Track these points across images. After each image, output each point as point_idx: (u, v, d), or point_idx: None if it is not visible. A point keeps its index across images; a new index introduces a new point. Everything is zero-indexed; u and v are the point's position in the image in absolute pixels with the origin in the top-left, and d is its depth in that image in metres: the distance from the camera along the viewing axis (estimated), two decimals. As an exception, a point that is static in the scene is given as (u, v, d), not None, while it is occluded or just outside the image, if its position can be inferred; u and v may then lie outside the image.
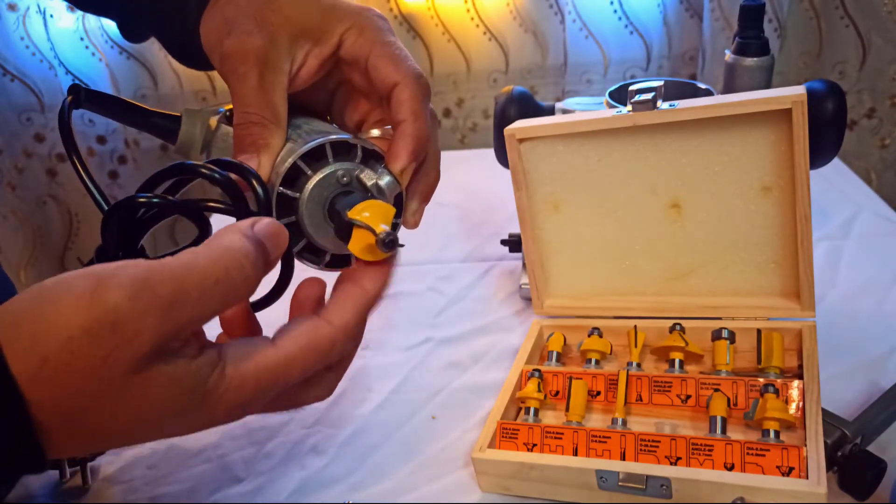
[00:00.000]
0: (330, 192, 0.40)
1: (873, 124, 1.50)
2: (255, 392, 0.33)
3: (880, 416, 0.50)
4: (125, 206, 0.36)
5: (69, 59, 1.53)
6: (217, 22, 0.43)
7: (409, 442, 0.57)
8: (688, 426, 0.53)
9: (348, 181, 0.40)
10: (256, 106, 0.41)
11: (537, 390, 0.55)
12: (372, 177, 0.40)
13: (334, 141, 0.40)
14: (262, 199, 0.37)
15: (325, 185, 0.40)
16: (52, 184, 1.66)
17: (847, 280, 0.69)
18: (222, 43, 0.42)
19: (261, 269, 0.33)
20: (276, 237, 0.34)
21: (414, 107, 0.42)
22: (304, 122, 0.44)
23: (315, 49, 0.43)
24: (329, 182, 0.40)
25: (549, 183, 0.60)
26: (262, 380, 0.33)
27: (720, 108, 0.52)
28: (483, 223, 0.88)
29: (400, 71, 0.42)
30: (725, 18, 1.39)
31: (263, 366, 0.33)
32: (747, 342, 0.56)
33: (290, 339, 0.35)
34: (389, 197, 0.40)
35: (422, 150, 0.43)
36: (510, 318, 0.71)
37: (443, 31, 1.48)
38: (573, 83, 1.49)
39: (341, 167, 0.40)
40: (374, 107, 0.46)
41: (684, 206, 0.58)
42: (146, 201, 0.36)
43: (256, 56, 0.41)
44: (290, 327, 0.35)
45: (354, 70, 0.45)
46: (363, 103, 0.47)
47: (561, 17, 1.45)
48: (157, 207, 0.37)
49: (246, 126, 0.41)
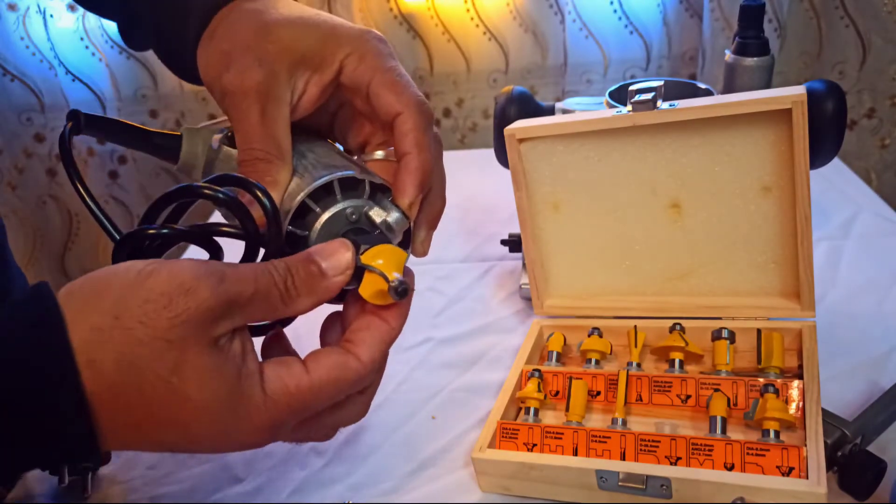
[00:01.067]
0: (339, 229, 0.40)
1: (873, 124, 1.50)
2: (286, 411, 0.35)
3: (880, 416, 0.50)
4: (135, 238, 0.37)
5: (69, 59, 1.53)
6: (215, 55, 0.43)
7: (409, 442, 0.57)
8: (688, 426, 0.53)
9: (357, 218, 0.40)
10: (260, 142, 0.41)
11: (537, 390, 0.55)
12: (381, 214, 0.40)
13: (342, 178, 0.40)
14: (270, 211, 0.37)
15: (334, 223, 0.40)
16: (52, 184, 1.66)
17: (847, 280, 0.69)
18: (221, 77, 0.41)
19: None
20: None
21: (418, 138, 0.42)
22: (307, 149, 0.44)
23: (315, 76, 0.42)
24: (338, 220, 0.40)
25: (549, 183, 0.60)
26: (294, 401, 0.35)
27: (720, 108, 0.52)
28: (483, 223, 0.88)
29: (402, 100, 0.42)
30: (725, 18, 1.39)
31: (295, 388, 0.35)
32: (747, 342, 0.56)
33: (323, 367, 0.36)
34: (398, 232, 0.41)
35: (427, 182, 0.43)
36: (510, 318, 0.71)
37: (443, 31, 1.48)
38: (573, 83, 1.49)
39: (350, 204, 0.40)
40: (377, 129, 0.46)
41: (684, 206, 0.58)
42: (155, 233, 0.37)
43: (257, 91, 0.40)
44: (321, 356, 0.37)
45: (356, 95, 0.44)
46: (366, 126, 0.46)
47: (561, 17, 1.45)
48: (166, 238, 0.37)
49: (252, 163, 0.41)
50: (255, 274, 0.35)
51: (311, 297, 0.36)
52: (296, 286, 0.36)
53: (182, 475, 0.56)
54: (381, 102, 0.42)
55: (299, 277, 0.36)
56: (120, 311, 0.31)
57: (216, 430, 0.34)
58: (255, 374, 0.35)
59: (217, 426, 0.34)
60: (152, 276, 0.32)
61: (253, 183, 0.37)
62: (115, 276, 0.33)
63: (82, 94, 1.55)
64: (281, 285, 0.35)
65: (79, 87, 1.55)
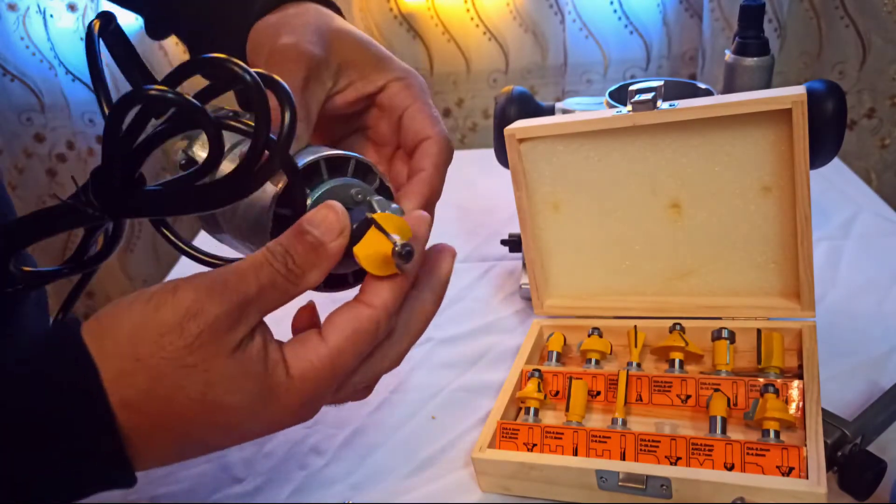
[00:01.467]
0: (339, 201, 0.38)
1: (873, 124, 1.50)
2: (316, 387, 0.36)
3: (880, 416, 0.50)
4: (134, 98, 0.33)
5: (69, 59, 1.53)
6: (278, 22, 0.45)
7: (409, 442, 0.57)
8: (688, 426, 0.53)
9: (360, 200, 0.40)
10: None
11: (537, 390, 0.55)
12: (384, 205, 0.39)
13: (359, 160, 0.40)
14: (289, 119, 0.34)
15: (338, 192, 0.39)
16: (52, 184, 1.66)
17: (847, 280, 0.69)
18: (280, 38, 0.42)
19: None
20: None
21: (437, 161, 0.45)
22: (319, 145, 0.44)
23: (359, 83, 0.45)
24: (343, 192, 0.39)
25: (549, 183, 0.60)
26: (321, 375, 0.36)
27: (720, 108, 0.52)
28: (483, 223, 0.88)
29: (434, 129, 0.45)
30: (725, 18, 1.39)
31: (318, 361, 0.35)
32: (747, 342, 0.56)
33: (336, 330, 0.36)
34: None
35: (432, 200, 0.44)
36: (510, 318, 0.71)
37: (443, 31, 1.48)
38: (573, 83, 1.49)
39: (357, 185, 0.40)
40: (380, 160, 0.48)
41: (684, 206, 0.58)
42: (157, 94, 0.32)
43: (309, 60, 0.42)
44: (334, 318, 0.37)
45: (384, 117, 0.47)
46: (370, 153, 0.48)
47: (561, 17, 1.45)
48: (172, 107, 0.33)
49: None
50: (254, 269, 0.34)
51: (316, 269, 0.36)
52: (298, 265, 0.35)
53: (182, 475, 0.56)
54: (415, 125, 0.45)
55: (298, 255, 0.35)
56: (139, 352, 0.33)
57: (256, 423, 0.36)
58: (279, 363, 0.35)
59: (256, 420, 0.36)
60: (159, 310, 0.33)
61: (280, 83, 0.35)
62: (125, 315, 0.34)
63: (82, 94, 1.55)
64: (283, 270, 0.35)
65: (79, 87, 1.55)
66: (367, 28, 1.46)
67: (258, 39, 0.45)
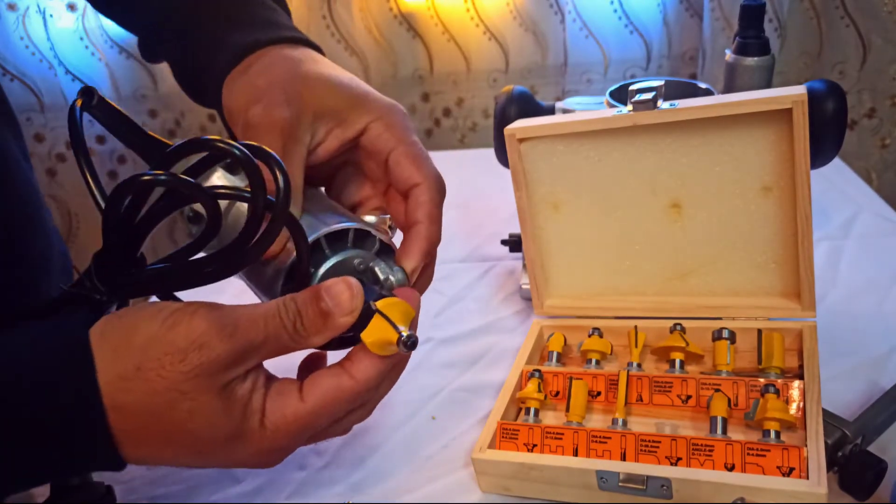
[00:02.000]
0: (344, 274, 0.40)
1: (873, 124, 1.49)
2: (287, 439, 0.38)
3: (881, 417, 0.50)
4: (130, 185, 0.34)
5: (69, 59, 1.53)
6: (245, 87, 0.44)
7: (409, 442, 0.57)
8: (688, 426, 0.52)
9: (363, 269, 0.41)
10: None
11: (537, 390, 0.55)
12: (385, 271, 0.42)
13: (357, 229, 0.41)
14: (283, 188, 0.35)
15: (341, 268, 0.41)
16: (52, 184, 1.66)
17: (847, 280, 0.69)
18: (248, 110, 0.42)
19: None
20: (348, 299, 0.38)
21: (431, 211, 0.45)
22: (316, 197, 0.45)
23: (337, 130, 0.44)
24: (345, 266, 0.41)
25: (549, 183, 0.60)
26: (292, 430, 0.38)
27: (720, 107, 0.52)
28: (483, 223, 0.88)
29: (422, 172, 0.44)
30: (725, 18, 1.39)
31: (293, 417, 0.38)
32: (748, 342, 0.56)
33: (317, 392, 0.38)
34: None
35: (433, 252, 0.45)
36: (510, 318, 0.71)
37: (443, 31, 1.48)
38: (573, 83, 1.49)
39: (359, 255, 0.41)
40: (375, 194, 0.48)
41: (684, 206, 0.58)
42: (151, 179, 0.33)
43: (282, 127, 0.41)
44: (317, 379, 0.39)
45: (372, 159, 0.46)
46: (366, 188, 0.48)
47: (561, 16, 1.45)
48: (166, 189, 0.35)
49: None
50: (265, 318, 0.36)
51: (320, 335, 0.37)
52: (304, 326, 0.37)
53: (182, 475, 0.56)
54: (402, 172, 0.45)
55: (308, 318, 0.37)
56: (142, 361, 0.34)
57: (223, 458, 0.38)
58: (257, 412, 0.37)
59: (223, 455, 0.38)
60: (172, 330, 0.35)
61: (271, 154, 0.35)
62: (142, 324, 0.35)
63: (82, 93, 1.55)
64: (290, 328, 0.37)
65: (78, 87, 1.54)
66: (367, 28, 1.47)
67: (231, 105, 0.45)
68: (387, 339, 0.38)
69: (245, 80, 0.44)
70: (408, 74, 1.52)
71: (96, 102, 0.42)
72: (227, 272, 0.36)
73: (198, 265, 0.36)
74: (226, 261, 0.36)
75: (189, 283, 0.37)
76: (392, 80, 1.51)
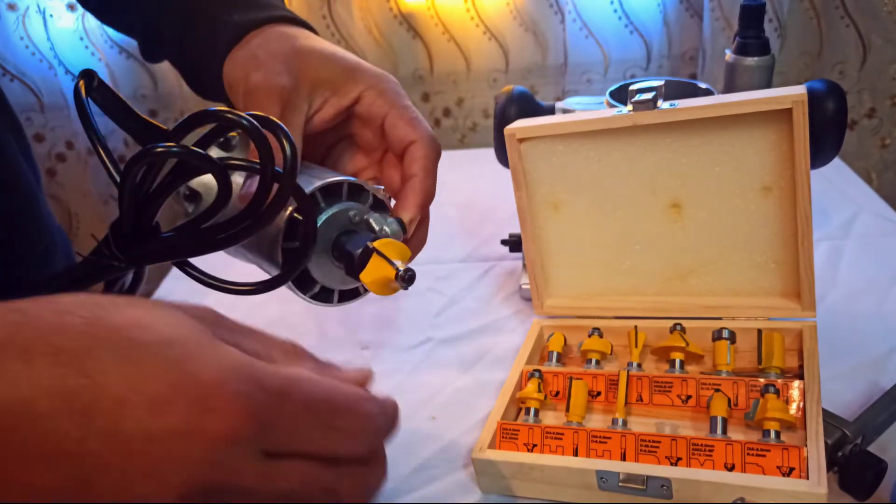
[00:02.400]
0: (339, 227, 0.41)
1: (873, 124, 1.49)
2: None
3: (881, 417, 0.50)
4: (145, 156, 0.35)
5: (69, 59, 1.53)
6: (245, 58, 0.46)
7: (409, 442, 0.57)
8: (688, 426, 0.52)
9: (358, 221, 0.42)
10: None
11: (537, 390, 0.55)
12: (381, 222, 0.42)
13: (351, 182, 0.42)
14: (290, 157, 0.35)
15: (337, 220, 0.41)
16: (51, 184, 1.66)
17: (847, 280, 0.69)
18: (248, 77, 0.44)
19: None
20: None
21: (426, 164, 0.45)
22: (309, 164, 0.46)
23: (333, 99, 0.46)
24: (341, 218, 0.41)
25: (549, 183, 0.60)
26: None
27: (720, 107, 0.52)
28: (483, 223, 0.88)
29: (417, 131, 0.46)
30: (725, 18, 1.39)
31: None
32: (748, 342, 0.56)
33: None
34: None
35: (428, 205, 0.45)
36: (510, 318, 0.71)
37: (443, 31, 1.48)
38: (573, 83, 1.49)
39: (354, 207, 0.42)
40: (370, 164, 0.49)
41: (684, 206, 0.58)
42: (164, 150, 0.34)
43: (281, 93, 0.43)
44: None
45: (366, 126, 0.48)
46: (360, 159, 0.49)
47: (561, 16, 1.45)
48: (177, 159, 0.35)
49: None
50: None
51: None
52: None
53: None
54: (397, 132, 0.46)
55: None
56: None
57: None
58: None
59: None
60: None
61: (278, 124, 0.36)
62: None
63: (82, 93, 1.55)
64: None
65: (78, 87, 1.55)
66: (367, 28, 1.46)
67: (232, 77, 0.47)
68: (385, 276, 0.39)
69: (245, 52, 0.46)
70: (408, 74, 1.52)
71: (96, 86, 0.42)
72: (239, 238, 0.37)
73: (211, 232, 0.37)
74: (238, 228, 0.36)
75: (202, 250, 0.38)
76: (392, 80, 1.51)
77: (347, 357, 0.66)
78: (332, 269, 0.42)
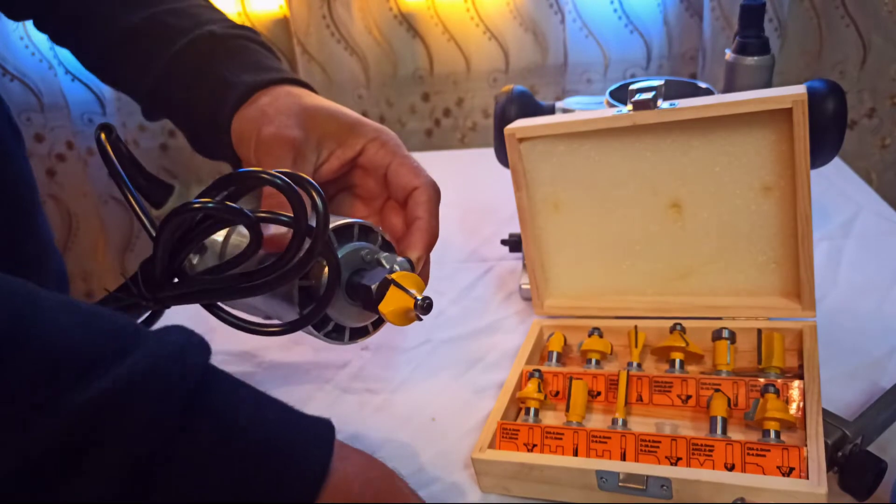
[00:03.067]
0: (352, 266, 0.43)
1: (874, 124, 1.49)
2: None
3: (881, 417, 0.50)
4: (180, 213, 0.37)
5: (69, 59, 1.52)
6: (256, 114, 0.49)
7: (408, 443, 0.57)
8: (688, 426, 0.52)
9: (370, 260, 0.44)
10: None
11: (537, 390, 0.55)
12: (391, 260, 0.44)
13: (361, 224, 0.44)
14: (322, 209, 0.38)
15: (350, 259, 0.43)
16: (51, 184, 1.66)
17: (847, 280, 0.69)
18: (260, 130, 0.47)
19: None
20: None
21: (430, 207, 0.49)
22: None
23: (338, 151, 0.50)
24: (354, 257, 0.43)
25: (549, 183, 0.60)
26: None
27: (721, 107, 0.52)
28: (483, 223, 0.88)
29: (419, 178, 0.50)
30: (726, 18, 1.39)
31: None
32: (748, 342, 0.56)
33: None
34: None
35: (433, 245, 0.49)
36: (510, 318, 0.71)
37: (443, 31, 1.48)
38: (573, 82, 1.49)
39: (365, 247, 0.44)
40: (370, 213, 0.53)
41: (684, 206, 0.58)
42: (200, 206, 0.37)
43: (293, 144, 0.47)
44: None
45: (369, 176, 0.52)
46: (359, 207, 0.53)
47: (561, 16, 1.45)
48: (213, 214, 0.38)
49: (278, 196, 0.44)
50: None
51: None
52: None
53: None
54: (401, 179, 0.50)
55: None
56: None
57: None
58: None
59: None
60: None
61: (307, 179, 0.38)
62: None
63: (82, 94, 1.55)
64: None
65: (78, 87, 1.55)
66: (367, 28, 1.46)
67: (242, 131, 0.50)
68: (404, 306, 0.40)
69: (255, 109, 0.50)
70: (408, 74, 1.52)
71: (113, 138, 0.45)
72: (268, 287, 0.38)
73: (238, 280, 0.39)
74: (273, 275, 0.38)
75: (228, 296, 0.41)
76: (392, 80, 1.51)
77: (347, 357, 0.66)
78: (344, 307, 0.44)
